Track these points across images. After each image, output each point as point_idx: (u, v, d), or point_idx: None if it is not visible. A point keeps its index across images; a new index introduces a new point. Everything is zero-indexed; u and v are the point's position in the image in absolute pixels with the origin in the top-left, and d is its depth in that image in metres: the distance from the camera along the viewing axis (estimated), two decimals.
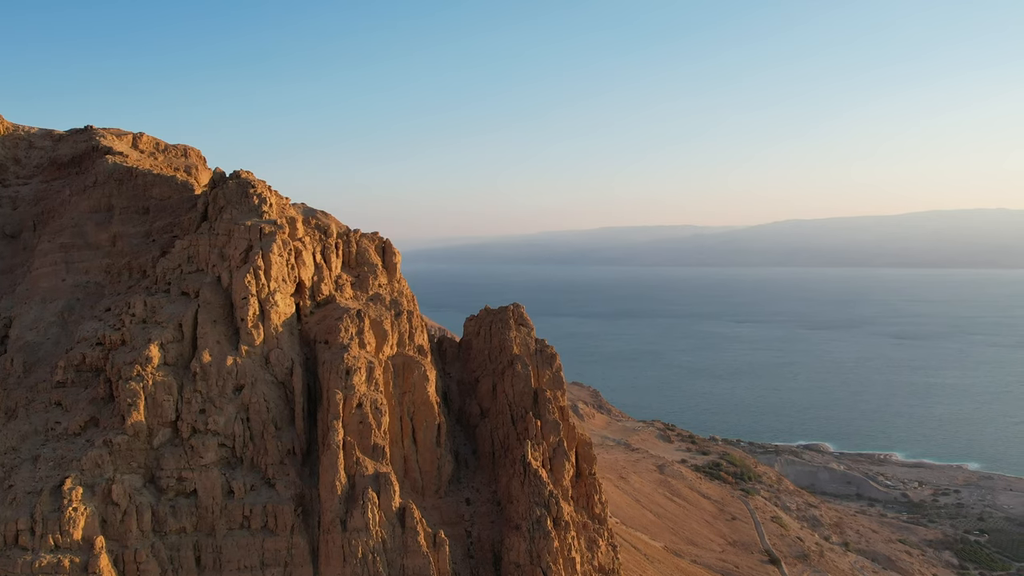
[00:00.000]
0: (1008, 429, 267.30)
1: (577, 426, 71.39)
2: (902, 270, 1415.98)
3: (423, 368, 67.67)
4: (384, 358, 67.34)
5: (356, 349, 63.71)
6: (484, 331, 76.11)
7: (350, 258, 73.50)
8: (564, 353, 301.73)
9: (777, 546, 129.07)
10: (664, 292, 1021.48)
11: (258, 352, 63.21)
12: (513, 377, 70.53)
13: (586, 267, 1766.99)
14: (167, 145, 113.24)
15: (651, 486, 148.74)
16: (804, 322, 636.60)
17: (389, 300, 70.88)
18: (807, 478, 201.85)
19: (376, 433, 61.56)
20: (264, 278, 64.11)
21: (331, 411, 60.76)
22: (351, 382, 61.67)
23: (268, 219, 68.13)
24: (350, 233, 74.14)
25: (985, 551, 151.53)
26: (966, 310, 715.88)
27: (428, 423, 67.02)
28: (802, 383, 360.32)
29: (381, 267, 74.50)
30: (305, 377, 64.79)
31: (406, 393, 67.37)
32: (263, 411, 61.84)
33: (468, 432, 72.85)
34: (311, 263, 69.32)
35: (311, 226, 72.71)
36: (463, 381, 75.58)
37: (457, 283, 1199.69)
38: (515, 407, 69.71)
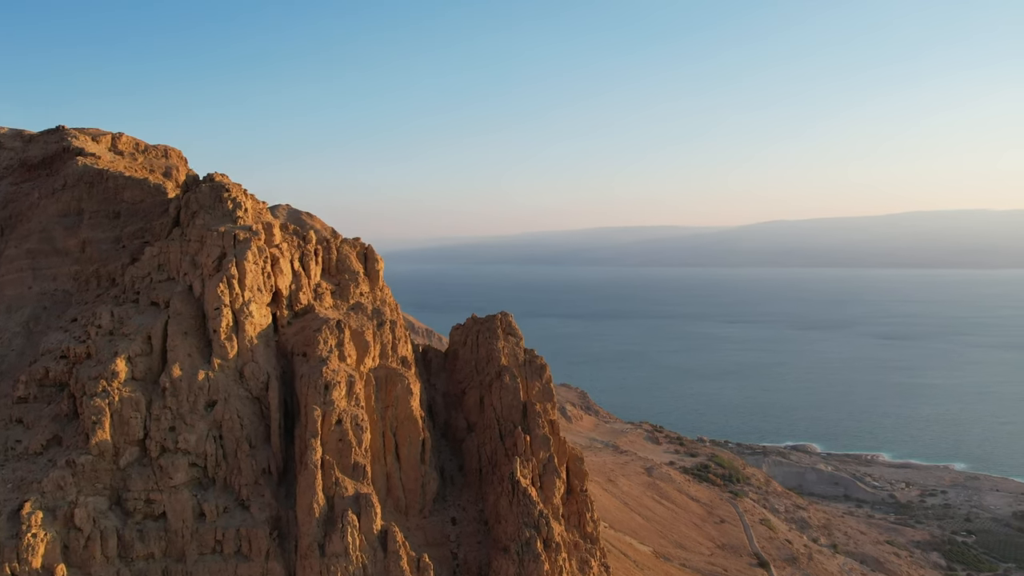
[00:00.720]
0: (994, 429, 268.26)
1: (568, 440, 68.36)
2: (889, 270, 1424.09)
3: (407, 381, 64.49)
4: (366, 371, 64.11)
5: (336, 362, 60.44)
6: (471, 341, 73.02)
7: (330, 265, 70.14)
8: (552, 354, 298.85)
9: (766, 549, 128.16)
10: (653, 292, 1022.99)
11: (231, 366, 59.84)
12: (501, 389, 67.47)
13: (575, 267, 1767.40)
14: (147, 146, 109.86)
15: (639, 489, 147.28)
16: (793, 322, 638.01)
17: (371, 309, 67.63)
18: (795, 479, 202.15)
19: (357, 451, 58.33)
20: (238, 287, 60.74)
21: (309, 428, 57.48)
22: (330, 397, 58.40)
23: (243, 225, 64.74)
24: (330, 239, 70.81)
25: (972, 552, 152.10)
26: (953, 310, 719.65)
27: (412, 439, 63.86)
28: (790, 383, 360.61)
29: (363, 274, 71.21)
30: (282, 392, 61.45)
31: (389, 407, 64.17)
32: (236, 428, 58.49)
33: (454, 447, 69.71)
34: (288, 271, 65.96)
35: (289, 232, 69.36)
36: (449, 393, 72.44)
37: (447, 284, 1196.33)
38: (503, 421, 66.66)
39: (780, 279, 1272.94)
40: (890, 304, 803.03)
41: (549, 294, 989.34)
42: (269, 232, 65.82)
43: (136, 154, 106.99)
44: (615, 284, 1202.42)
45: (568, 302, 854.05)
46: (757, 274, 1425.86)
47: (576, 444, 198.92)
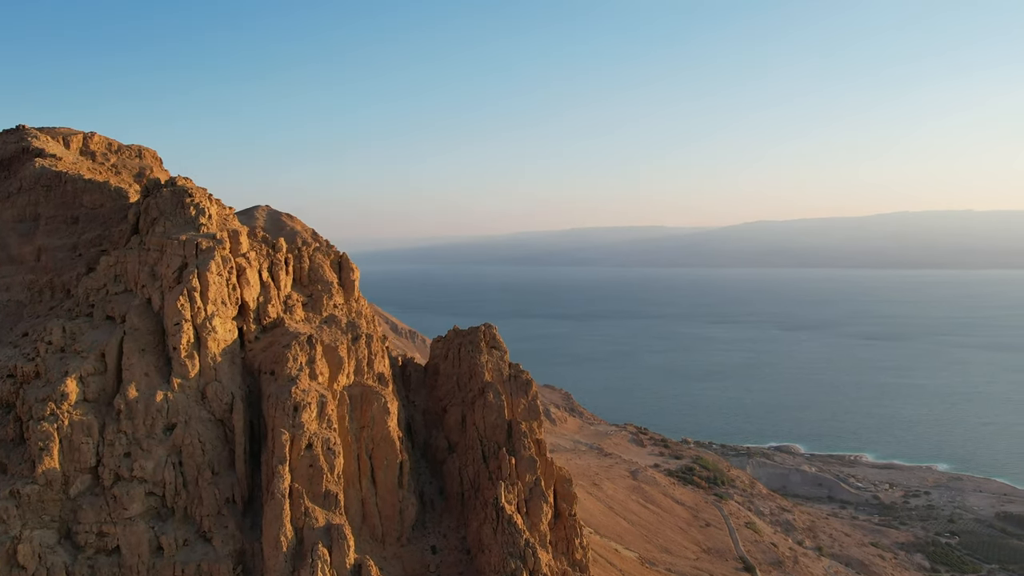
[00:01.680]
0: (976, 430, 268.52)
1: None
2: (871, 271, 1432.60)
3: (383, 400, 60.24)
4: (339, 389, 59.79)
5: (306, 381, 56.09)
6: (452, 354, 68.82)
7: (302, 275, 65.73)
8: (537, 354, 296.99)
9: (751, 553, 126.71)
10: (636, 292, 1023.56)
11: (193, 386, 55.36)
12: (484, 408, 63.36)
13: (561, 267, 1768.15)
14: (120, 146, 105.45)
15: (624, 492, 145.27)
16: (777, 323, 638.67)
17: (345, 322, 63.29)
18: (779, 480, 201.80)
19: (328, 478, 54.01)
20: (200, 300, 56.24)
21: (276, 454, 53.08)
22: (300, 420, 54.04)
23: (206, 233, 60.19)
24: (302, 248, 66.35)
25: (956, 553, 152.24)
26: (934, 310, 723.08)
27: (389, 462, 59.63)
28: (774, 384, 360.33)
29: (337, 285, 66.84)
30: (248, 413, 57.02)
31: (364, 428, 59.89)
32: (198, 454, 54.02)
33: (434, 468, 65.48)
34: (256, 282, 61.51)
35: (257, 239, 64.85)
36: (429, 411, 68.21)
37: (433, 284, 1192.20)
38: (487, 441, 62.54)
39: (765, 279, 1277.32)
40: (873, 304, 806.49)
41: (535, 295, 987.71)
42: (235, 240, 61.32)
43: (109, 154, 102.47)
44: (600, 284, 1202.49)
45: (553, 303, 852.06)
46: (742, 274, 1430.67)
47: (560, 447, 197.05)
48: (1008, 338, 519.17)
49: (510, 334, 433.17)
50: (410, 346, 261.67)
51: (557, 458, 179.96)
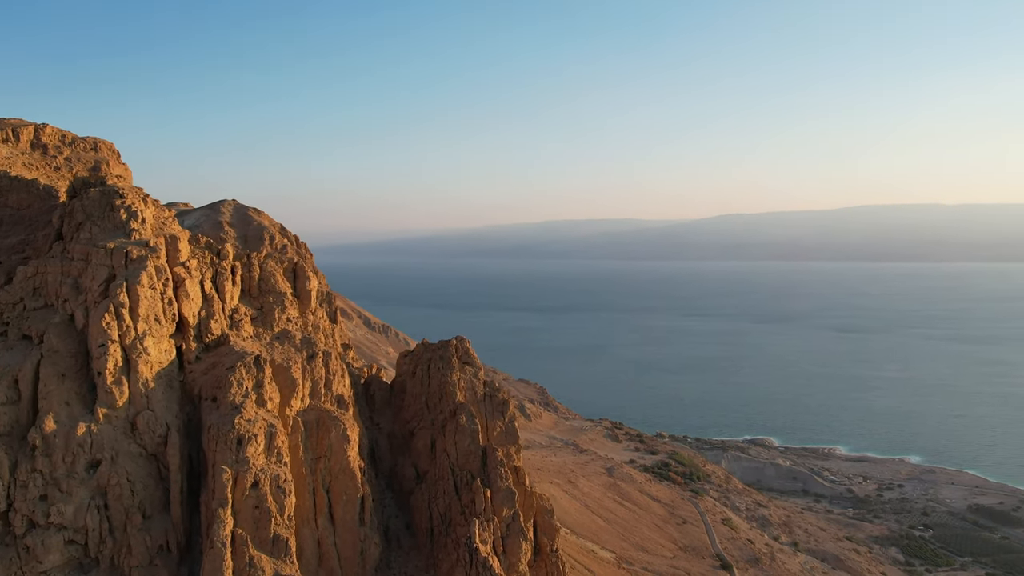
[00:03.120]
0: (947, 422, 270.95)
1: (536, 489, 58.34)
2: (841, 263, 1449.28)
3: (343, 426, 53.62)
4: (292, 415, 53.06)
5: (252, 409, 49.27)
6: (421, 371, 62.31)
7: (251, 286, 58.71)
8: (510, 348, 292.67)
9: (728, 550, 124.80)
10: (609, 285, 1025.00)
11: (121, 416, 48.27)
12: (456, 432, 57.01)
13: (534, 260, 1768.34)
14: (75, 138, 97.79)
15: (600, 490, 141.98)
16: (749, 316, 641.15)
17: (300, 338, 56.49)
18: (753, 474, 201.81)
19: (277, 521, 47.30)
20: (129, 318, 49.10)
21: (217, 495, 46.24)
22: (244, 454, 47.24)
23: (138, 239, 52.93)
24: (252, 255, 59.26)
25: (930, 546, 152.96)
26: (903, 303, 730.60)
27: (349, 496, 53.08)
28: (747, 377, 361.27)
29: (291, 295, 59.92)
30: (186, 447, 50.08)
31: (321, 459, 53.27)
32: (126, 495, 47.02)
33: (401, 500, 59.00)
34: (198, 295, 54.44)
35: (200, 246, 57.67)
36: (395, 435, 61.67)
37: (405, 276, 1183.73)
38: (459, 471, 56.22)
39: (736, 272, 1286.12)
40: (844, 297, 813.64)
41: (508, 287, 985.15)
42: (173, 247, 54.14)
43: (62, 147, 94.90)
44: (574, 277, 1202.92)
45: (527, 295, 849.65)
46: (713, 267, 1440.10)
47: (535, 443, 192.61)
48: (976, 331, 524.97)
49: (483, 327, 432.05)
50: (383, 340, 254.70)
51: (532, 455, 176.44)
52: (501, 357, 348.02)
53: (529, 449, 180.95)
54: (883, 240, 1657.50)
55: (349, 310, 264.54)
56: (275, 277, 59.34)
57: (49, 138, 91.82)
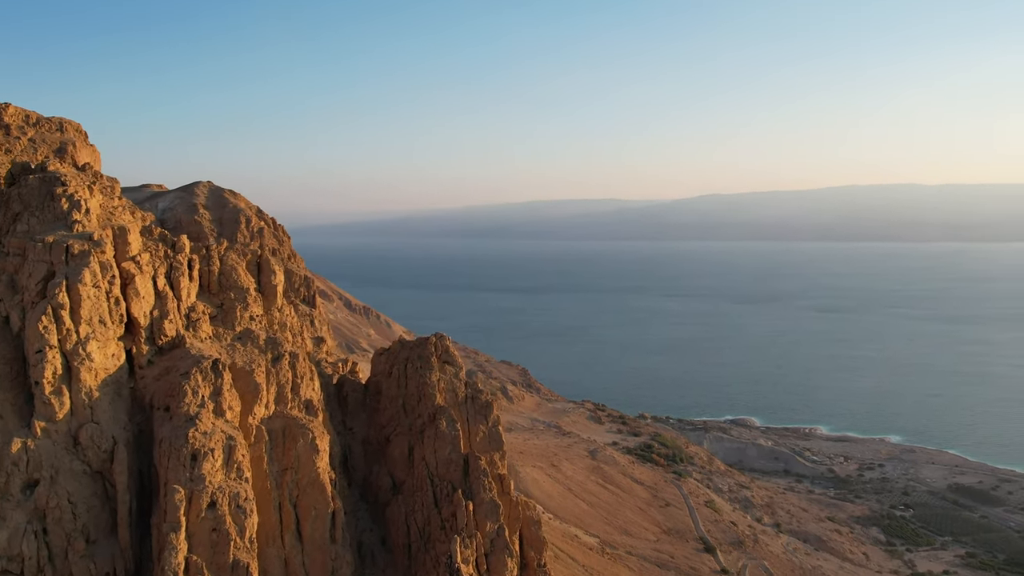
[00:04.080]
0: (926, 402, 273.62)
1: (522, 499, 54.27)
2: (821, 243, 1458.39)
3: (311, 435, 49.10)
4: (255, 423, 48.42)
5: (209, 419, 44.58)
6: (398, 372, 57.80)
7: (210, 281, 53.71)
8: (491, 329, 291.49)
9: (711, 532, 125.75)
10: (589, 266, 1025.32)
11: (61, 430, 43.41)
12: (436, 439, 52.70)
13: (514, 240, 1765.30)
14: (39, 118, 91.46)
15: (584, 473, 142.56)
16: (729, 296, 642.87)
17: (265, 339, 51.73)
18: (735, 455, 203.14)
19: (237, 544, 42.83)
20: (70, 320, 44.10)
21: (169, 517, 41.64)
22: (199, 471, 42.64)
23: (81, 232, 47.76)
24: (211, 247, 54.20)
25: (911, 526, 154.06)
26: (883, 283, 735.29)
27: (319, 511, 48.67)
28: (728, 357, 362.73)
29: (255, 291, 55.01)
30: (135, 462, 45.33)
31: (287, 471, 48.76)
32: (68, 518, 42.33)
33: (376, 512, 54.69)
34: (149, 292, 49.42)
35: (153, 238, 52.53)
36: (370, 441, 57.23)
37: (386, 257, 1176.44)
38: (439, 481, 51.97)
39: (715, 252, 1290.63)
40: (824, 277, 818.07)
41: (489, 268, 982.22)
42: (122, 240, 48.97)
43: (26, 128, 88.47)
44: (555, 257, 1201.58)
45: (508, 276, 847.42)
46: (693, 247, 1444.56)
47: (518, 425, 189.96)
48: (955, 310, 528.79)
49: (465, 307, 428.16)
50: (364, 322, 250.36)
51: (515, 438, 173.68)
52: (483, 338, 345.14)
53: (512, 432, 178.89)
54: (864, 220, 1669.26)
55: (330, 292, 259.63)
56: (237, 271, 54.37)
57: (12, 118, 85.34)
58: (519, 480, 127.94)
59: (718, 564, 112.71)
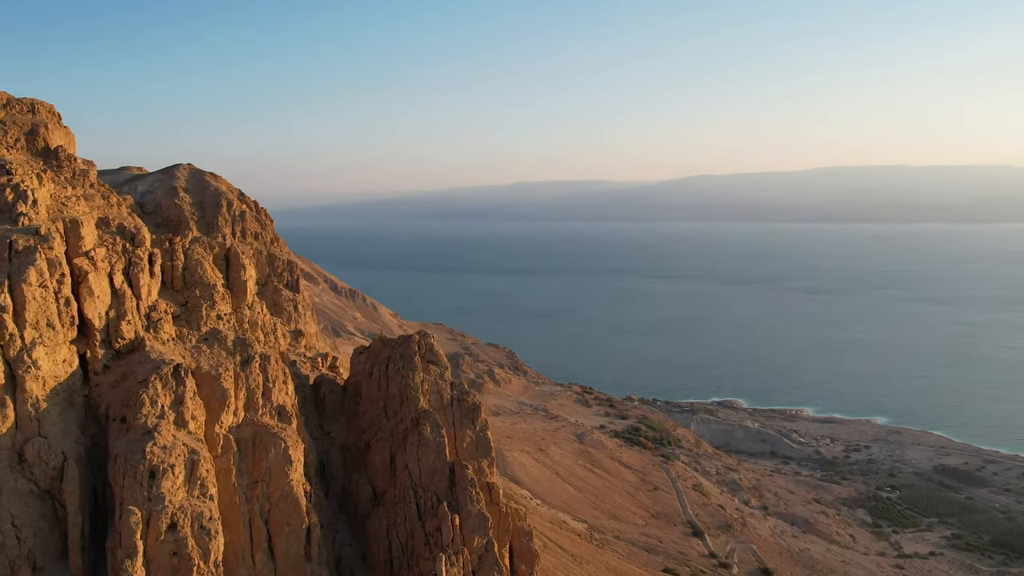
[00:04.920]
0: (913, 383, 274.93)
1: (512, 508, 50.80)
2: (808, 225, 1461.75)
3: (284, 444, 45.29)
4: (223, 432, 44.54)
5: (169, 432, 40.64)
6: (379, 372, 53.97)
7: (173, 277, 49.50)
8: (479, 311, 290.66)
9: (700, 516, 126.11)
10: (576, 247, 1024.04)
11: (5, 445, 39.31)
12: (420, 446, 49.02)
13: (501, 222, 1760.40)
14: (9, 98, 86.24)
15: (571, 457, 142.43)
16: (716, 277, 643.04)
17: (233, 339, 47.71)
18: (722, 437, 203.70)
19: (201, 568, 39.04)
20: (13, 324, 39.90)
21: (124, 542, 37.78)
22: (158, 490, 38.77)
23: (27, 226, 43.42)
24: (175, 240, 49.94)
25: (897, 507, 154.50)
26: (870, 264, 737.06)
27: (292, 527, 44.98)
28: (715, 339, 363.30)
29: (222, 287, 50.86)
30: (87, 479, 41.38)
31: (258, 483, 44.97)
32: (12, 543, 38.35)
33: (355, 524, 51.02)
34: (105, 291, 45.22)
35: (110, 230, 48.21)
36: (349, 447, 53.48)
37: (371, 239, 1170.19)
38: (423, 492, 48.35)
39: (703, 233, 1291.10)
40: (812, 259, 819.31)
41: (475, 249, 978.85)
42: (74, 234, 44.68)
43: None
44: (541, 239, 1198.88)
45: (495, 257, 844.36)
46: (682, 229, 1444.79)
47: (505, 409, 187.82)
48: (942, 292, 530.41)
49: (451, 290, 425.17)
50: (349, 305, 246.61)
51: (503, 422, 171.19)
52: (470, 321, 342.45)
53: (499, 416, 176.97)
54: (851, 202, 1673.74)
55: (316, 275, 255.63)
56: (203, 266, 50.16)
57: None
58: (506, 465, 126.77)
59: (706, 548, 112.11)
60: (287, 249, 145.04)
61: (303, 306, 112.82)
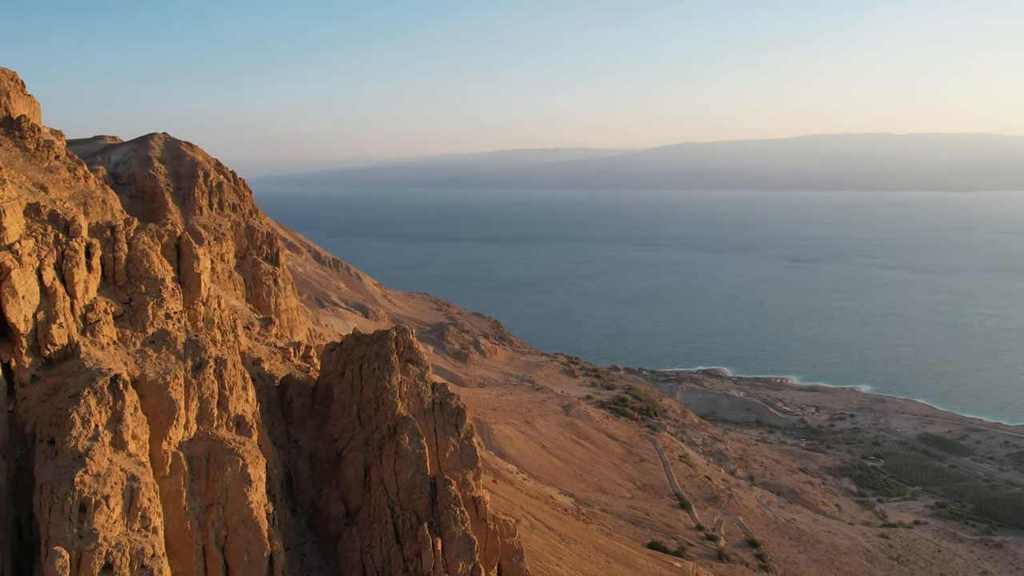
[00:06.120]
0: (897, 351, 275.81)
1: (500, 523, 45.91)
2: (794, 192, 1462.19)
3: (242, 461, 39.89)
4: (171, 449, 39.03)
5: (104, 455, 35.08)
6: (352, 373, 48.49)
7: (115, 271, 43.49)
8: (464, 280, 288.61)
9: (686, 488, 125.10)
10: (562, 215, 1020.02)
11: None
12: (397, 458, 43.77)
13: (486, 190, 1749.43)
14: None
15: (558, 429, 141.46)
16: (702, 245, 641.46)
17: (184, 342, 41.99)
18: (708, 406, 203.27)
19: None
20: None
21: None
22: (90, 527, 33.31)
23: None
24: (117, 229, 43.84)
25: (881, 476, 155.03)
26: (856, 232, 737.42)
27: (252, 556, 39.77)
28: (700, 307, 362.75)
29: (172, 281, 44.93)
30: (12, 510, 35.82)
31: (212, 507, 39.64)
32: None
33: (326, 544, 45.88)
34: (32, 289, 39.27)
35: (41, 218, 42.08)
36: (319, 457, 48.15)
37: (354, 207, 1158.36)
38: (400, 511, 43.22)
39: (688, 201, 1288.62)
40: (796, 227, 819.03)
41: (459, 218, 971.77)
42: None
43: None
44: (526, 207, 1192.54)
45: (479, 226, 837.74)
46: (667, 197, 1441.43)
47: (492, 380, 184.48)
48: (925, 260, 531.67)
49: (435, 258, 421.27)
50: (333, 275, 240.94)
51: (488, 393, 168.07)
52: (455, 290, 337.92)
53: (485, 387, 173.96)
54: (836, 170, 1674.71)
55: (299, 244, 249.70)
56: (150, 257, 44.12)
57: None
58: (492, 438, 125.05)
59: (693, 520, 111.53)
60: (266, 220, 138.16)
61: (283, 280, 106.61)
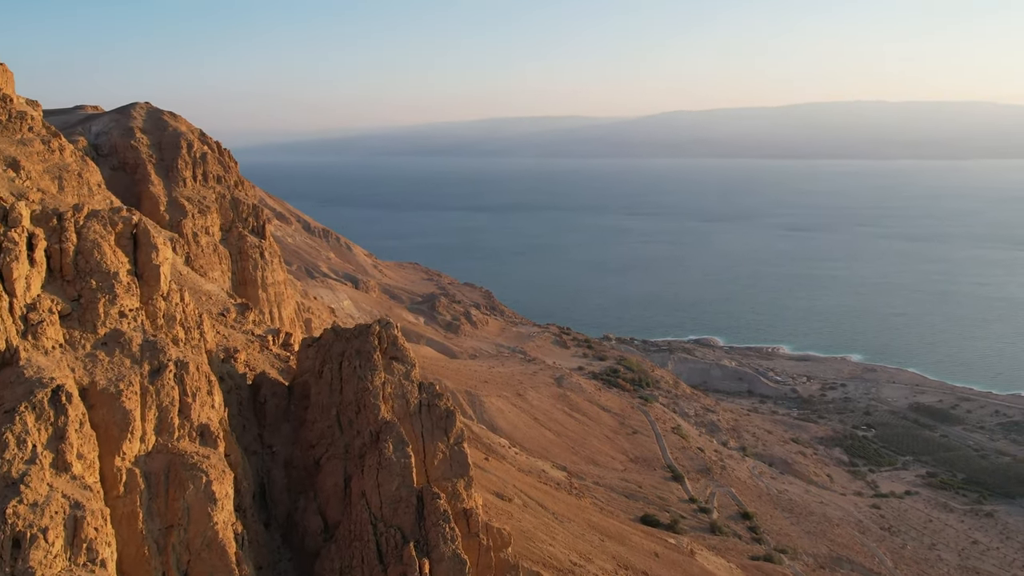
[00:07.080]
0: (888, 320, 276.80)
1: (494, 536, 42.09)
2: (786, 161, 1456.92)
3: (205, 478, 35.68)
4: (125, 466, 34.79)
5: (42, 483, 30.74)
6: (331, 372, 44.10)
7: (63, 265, 38.68)
8: (454, 249, 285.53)
9: (679, 460, 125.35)
10: (553, 184, 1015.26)
11: None
12: (380, 469, 39.64)
13: (476, 159, 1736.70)
14: None
15: (550, 402, 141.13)
16: (693, 214, 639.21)
17: (140, 343, 37.50)
18: (700, 376, 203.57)
19: None
20: None
21: None
22: (24, 565, 29.07)
23: None
24: (65, 216, 39.02)
25: (873, 446, 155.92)
26: (848, 201, 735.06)
27: None
28: (692, 276, 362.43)
29: (129, 274, 40.25)
30: None
31: (173, 528, 35.48)
32: None
33: (303, 562, 41.86)
34: None
35: None
36: (295, 464, 43.95)
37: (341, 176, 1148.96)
38: (384, 527, 39.21)
39: (680, 170, 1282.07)
40: (788, 195, 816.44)
41: (450, 186, 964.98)
42: None
43: None
44: (517, 176, 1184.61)
45: (469, 194, 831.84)
46: (659, 165, 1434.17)
47: (483, 351, 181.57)
48: (917, 228, 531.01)
49: (425, 227, 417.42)
50: (323, 246, 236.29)
51: (480, 365, 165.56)
52: (446, 259, 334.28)
53: (476, 359, 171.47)
54: (828, 138, 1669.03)
55: (288, 214, 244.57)
56: (101, 248, 39.37)
57: None
58: (484, 411, 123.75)
59: (686, 493, 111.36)
60: (255, 191, 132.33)
61: (270, 253, 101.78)
